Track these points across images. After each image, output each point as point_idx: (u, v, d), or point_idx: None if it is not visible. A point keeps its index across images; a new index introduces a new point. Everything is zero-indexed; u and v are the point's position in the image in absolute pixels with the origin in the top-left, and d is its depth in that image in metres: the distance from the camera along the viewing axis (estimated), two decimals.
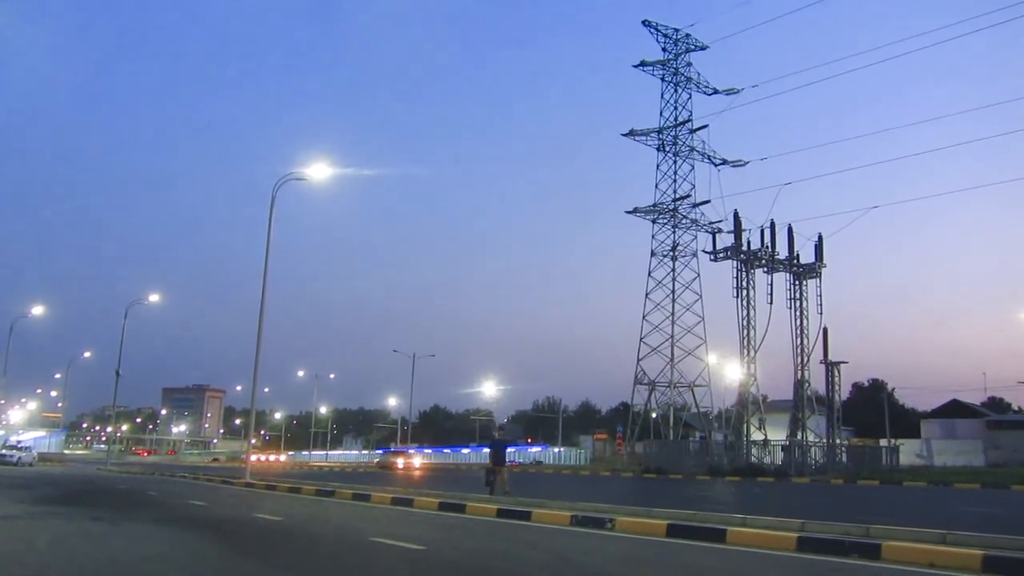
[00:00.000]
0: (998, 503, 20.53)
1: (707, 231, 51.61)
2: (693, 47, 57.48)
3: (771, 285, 43.28)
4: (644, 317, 55.16)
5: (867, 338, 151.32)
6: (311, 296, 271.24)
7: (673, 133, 56.75)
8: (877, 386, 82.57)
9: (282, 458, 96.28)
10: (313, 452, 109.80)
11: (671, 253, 55.50)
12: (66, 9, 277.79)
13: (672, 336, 53.98)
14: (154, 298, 53.58)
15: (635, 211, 56.66)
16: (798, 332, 43.17)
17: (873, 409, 70.10)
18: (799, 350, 43.17)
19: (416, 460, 62.59)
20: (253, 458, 71.10)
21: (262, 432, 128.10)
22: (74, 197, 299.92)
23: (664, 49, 57.34)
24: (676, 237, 55.76)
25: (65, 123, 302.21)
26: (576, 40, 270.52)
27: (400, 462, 56.16)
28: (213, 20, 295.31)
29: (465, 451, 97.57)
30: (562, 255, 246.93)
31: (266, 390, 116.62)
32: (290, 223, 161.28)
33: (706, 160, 56.14)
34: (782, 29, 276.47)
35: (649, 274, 55.65)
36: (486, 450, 29.62)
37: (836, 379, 43.15)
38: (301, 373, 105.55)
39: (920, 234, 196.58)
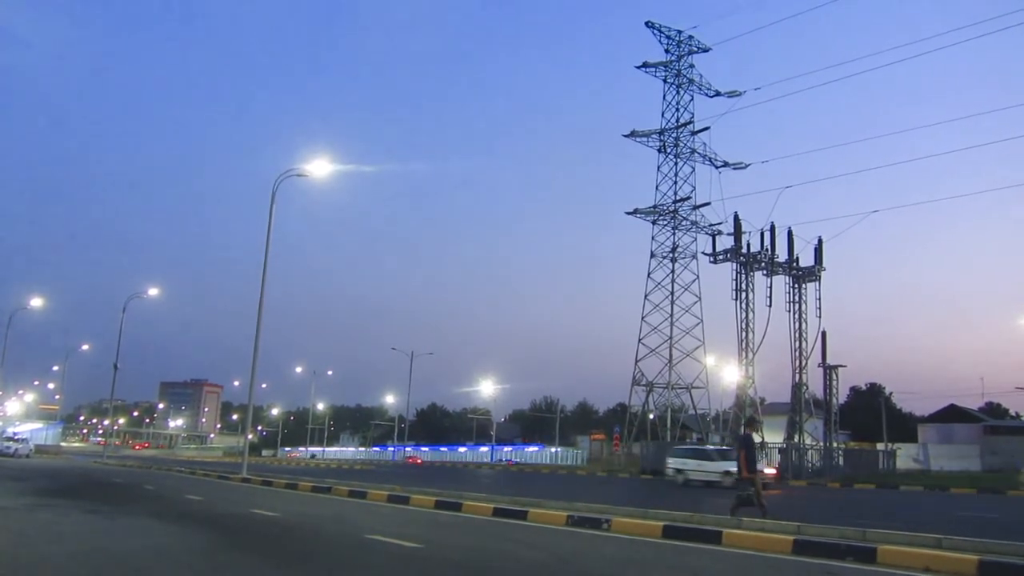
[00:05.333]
0: (994, 508, 20.56)
1: (707, 233, 51.76)
2: (695, 49, 57.59)
3: (770, 288, 43.34)
4: (643, 318, 55.19)
5: (866, 342, 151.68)
6: (310, 292, 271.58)
7: (674, 135, 56.77)
8: (875, 390, 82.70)
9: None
10: (310, 448, 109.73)
11: (671, 255, 55.51)
12: (69, 3, 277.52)
13: (671, 337, 54.02)
14: (153, 292, 53.57)
15: (635, 212, 56.65)
16: (796, 335, 43.16)
17: (871, 413, 70.20)
18: (797, 353, 43.19)
19: None
20: None
21: (259, 428, 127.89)
22: (74, 190, 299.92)
23: (667, 51, 57.46)
24: (676, 239, 55.84)
25: (66, 117, 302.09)
26: (579, 40, 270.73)
27: None
28: (216, 17, 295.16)
29: (462, 450, 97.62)
30: (562, 255, 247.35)
31: (264, 386, 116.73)
32: (291, 219, 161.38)
33: (707, 162, 56.23)
34: (785, 33, 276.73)
35: (648, 275, 55.72)
36: (734, 452, 20.95)
37: (834, 382, 43.16)
38: (299, 369, 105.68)
39: (920, 239, 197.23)
